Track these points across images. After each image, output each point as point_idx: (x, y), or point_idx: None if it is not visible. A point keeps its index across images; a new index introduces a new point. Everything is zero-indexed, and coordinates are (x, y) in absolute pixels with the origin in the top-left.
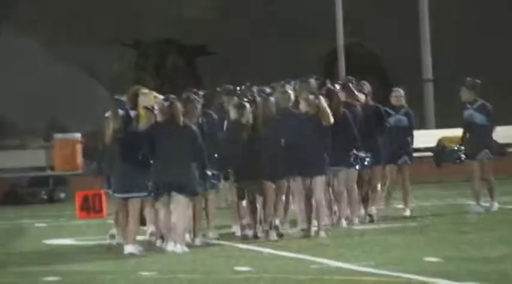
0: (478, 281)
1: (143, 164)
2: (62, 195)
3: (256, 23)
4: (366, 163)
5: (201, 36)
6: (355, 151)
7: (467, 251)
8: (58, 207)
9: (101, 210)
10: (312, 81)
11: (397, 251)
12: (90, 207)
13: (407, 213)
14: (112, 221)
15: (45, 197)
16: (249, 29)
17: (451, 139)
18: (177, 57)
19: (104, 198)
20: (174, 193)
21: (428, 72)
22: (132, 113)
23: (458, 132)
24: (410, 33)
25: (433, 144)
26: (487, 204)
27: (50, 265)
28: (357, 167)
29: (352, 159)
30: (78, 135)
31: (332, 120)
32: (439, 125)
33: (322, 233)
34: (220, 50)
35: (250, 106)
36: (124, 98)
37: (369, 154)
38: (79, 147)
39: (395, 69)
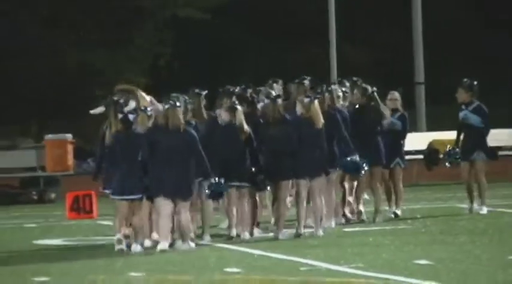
0: None
1: (142, 166)
2: (53, 196)
3: (251, 23)
4: (362, 170)
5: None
6: (350, 158)
7: (457, 254)
8: (49, 208)
9: (91, 211)
10: (307, 83)
11: (387, 253)
12: (81, 208)
13: (399, 212)
14: (104, 222)
15: (35, 197)
16: (243, 29)
17: (441, 142)
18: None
19: (94, 199)
20: (172, 197)
21: (420, 75)
22: (131, 116)
23: (448, 134)
24: (402, 35)
25: (424, 146)
26: (475, 205)
27: (39, 265)
28: (362, 172)
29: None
30: (69, 136)
31: (322, 122)
32: (430, 128)
33: (320, 232)
34: (214, 50)
35: (248, 107)
36: (122, 100)
37: (357, 159)
38: (70, 148)
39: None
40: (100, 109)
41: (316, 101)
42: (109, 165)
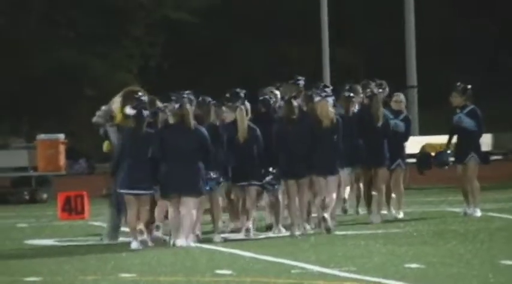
0: None
1: (153, 163)
2: (45, 196)
3: (240, 24)
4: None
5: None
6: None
7: (448, 258)
8: (40, 208)
9: (82, 212)
10: (302, 83)
11: (379, 257)
12: (72, 208)
13: (401, 215)
14: (96, 223)
15: (27, 197)
16: (233, 30)
17: (433, 146)
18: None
19: (86, 200)
20: (182, 194)
21: (412, 78)
22: (145, 113)
23: (441, 138)
24: (395, 39)
25: (416, 150)
26: (467, 209)
27: (31, 265)
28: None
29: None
30: (61, 136)
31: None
32: (422, 132)
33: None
34: (203, 52)
35: (264, 107)
36: (145, 98)
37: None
38: (62, 148)
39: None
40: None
41: (325, 101)
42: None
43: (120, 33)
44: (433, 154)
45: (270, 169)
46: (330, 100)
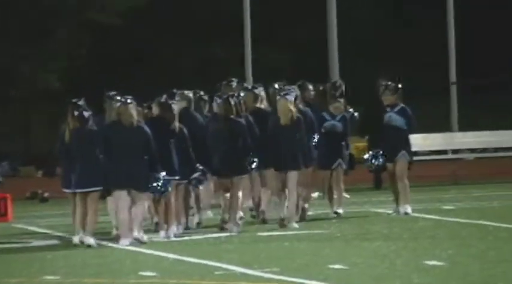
0: None
1: (99, 160)
2: None
3: (166, 26)
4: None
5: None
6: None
7: (372, 258)
8: None
9: (5, 214)
10: (234, 84)
11: (302, 257)
12: None
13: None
14: (19, 226)
15: None
16: (159, 32)
17: (357, 147)
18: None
19: (9, 202)
20: (127, 189)
21: (334, 76)
22: (86, 114)
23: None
24: (322, 39)
25: None
26: (397, 207)
27: None
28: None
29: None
30: None
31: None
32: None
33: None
34: (129, 53)
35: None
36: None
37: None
38: None
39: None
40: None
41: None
42: (67, 162)
43: (45, 34)
44: (356, 156)
45: (198, 165)
46: (290, 98)
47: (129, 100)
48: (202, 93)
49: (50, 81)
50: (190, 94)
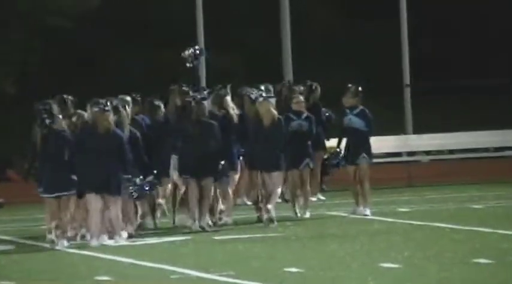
0: None
1: (70, 164)
2: None
3: (117, 29)
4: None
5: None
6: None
7: (327, 261)
8: None
9: None
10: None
11: (258, 261)
12: None
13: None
14: None
15: None
16: (111, 36)
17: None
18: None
19: None
20: (99, 193)
21: (289, 77)
22: (56, 117)
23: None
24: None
25: None
26: (360, 208)
27: None
28: None
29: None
30: None
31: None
32: None
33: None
34: (82, 58)
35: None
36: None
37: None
38: None
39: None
40: None
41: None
42: (40, 165)
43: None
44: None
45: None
46: (272, 100)
47: (107, 108)
48: (154, 97)
49: (2, 86)
50: (128, 98)
